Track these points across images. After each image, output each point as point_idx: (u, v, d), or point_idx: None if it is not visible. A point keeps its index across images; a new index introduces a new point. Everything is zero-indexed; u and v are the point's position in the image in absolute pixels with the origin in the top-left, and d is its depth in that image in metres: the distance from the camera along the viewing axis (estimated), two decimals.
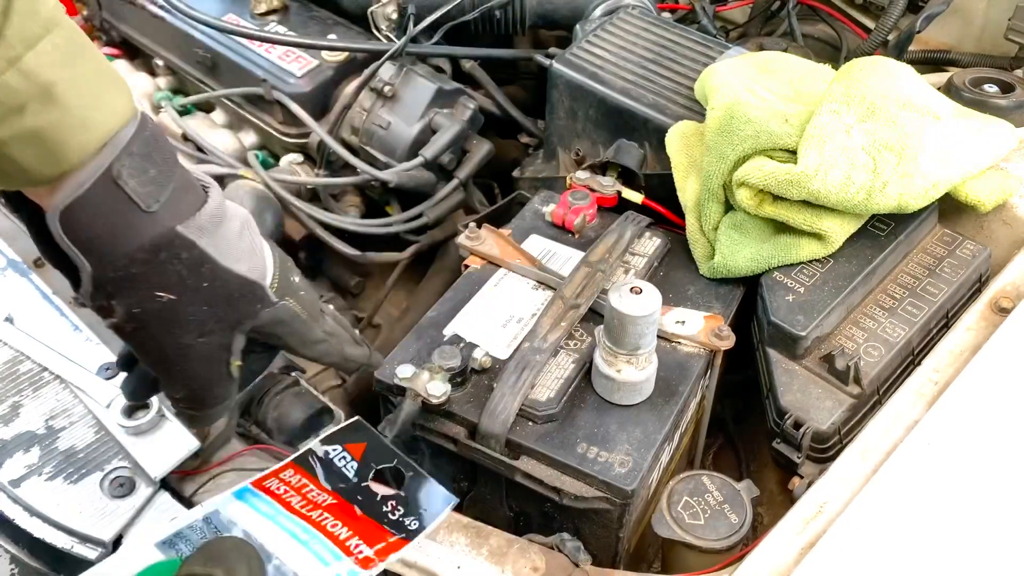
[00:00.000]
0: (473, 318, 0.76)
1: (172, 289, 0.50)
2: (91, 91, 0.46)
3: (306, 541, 0.54)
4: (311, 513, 0.56)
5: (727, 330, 0.74)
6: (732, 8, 1.36)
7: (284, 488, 0.58)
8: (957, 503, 0.58)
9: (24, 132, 0.44)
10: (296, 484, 0.59)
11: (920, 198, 0.76)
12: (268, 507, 0.57)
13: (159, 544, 0.53)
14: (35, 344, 0.73)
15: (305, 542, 0.54)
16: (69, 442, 0.66)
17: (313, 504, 0.57)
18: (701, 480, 0.65)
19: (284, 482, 0.59)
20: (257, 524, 0.55)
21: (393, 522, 0.57)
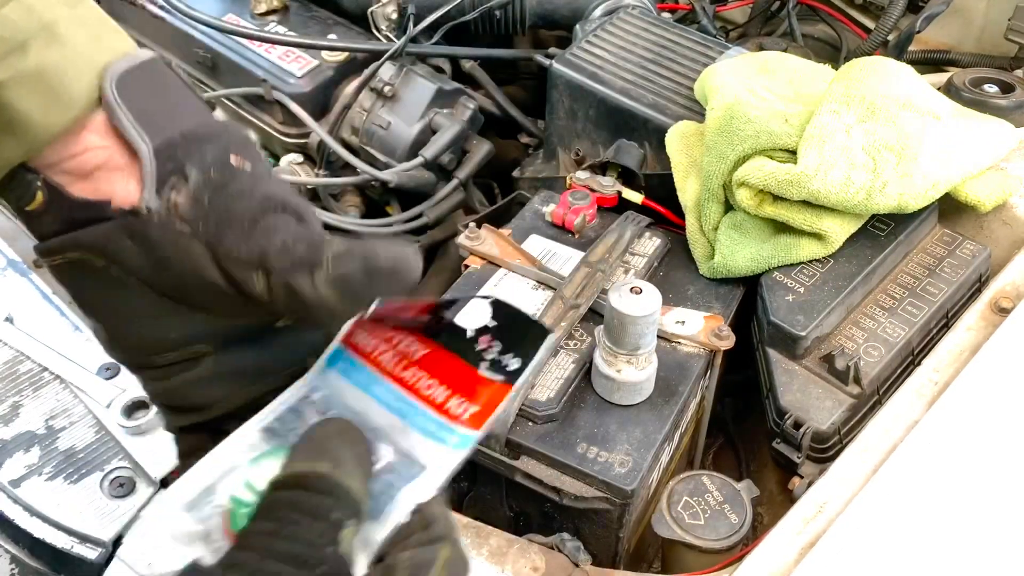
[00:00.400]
0: None
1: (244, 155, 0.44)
2: (94, 32, 0.43)
3: (407, 413, 0.49)
4: (405, 373, 0.50)
5: (727, 330, 0.74)
6: (732, 8, 1.36)
7: (373, 343, 0.51)
8: (957, 503, 0.58)
9: (27, 73, 0.40)
10: (384, 333, 0.52)
11: (920, 198, 0.76)
12: (362, 375, 0.51)
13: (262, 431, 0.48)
14: (35, 344, 0.73)
15: (405, 414, 0.49)
16: (69, 442, 0.66)
17: (405, 358, 0.51)
18: (701, 480, 0.65)
19: (372, 332, 0.51)
20: (354, 401, 0.50)
21: (491, 363, 0.50)
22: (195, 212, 0.43)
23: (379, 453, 0.48)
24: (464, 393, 0.49)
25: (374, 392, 0.50)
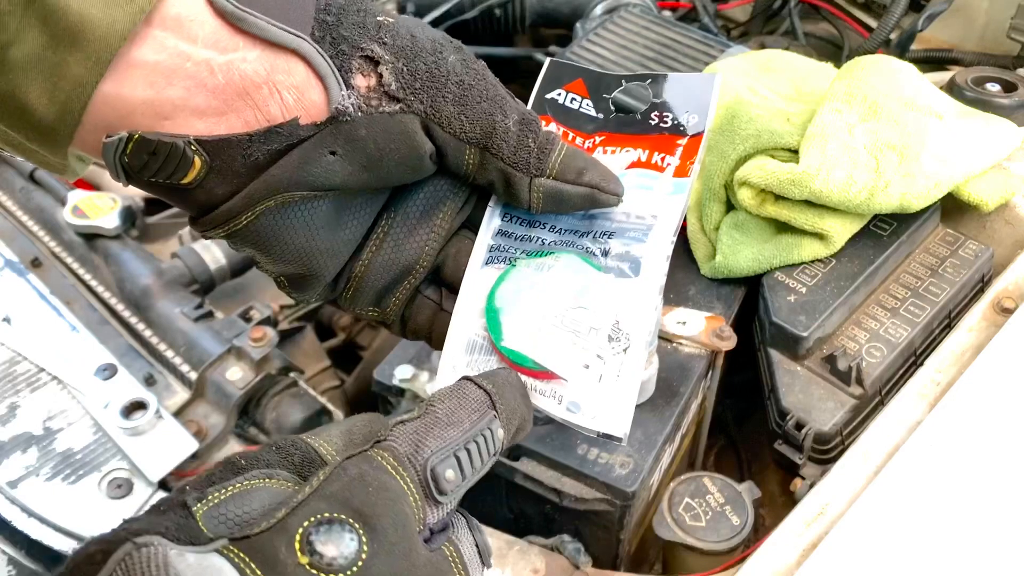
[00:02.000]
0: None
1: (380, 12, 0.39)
2: None
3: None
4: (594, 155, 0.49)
5: (728, 331, 0.73)
6: (733, 6, 1.36)
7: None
8: (959, 504, 0.58)
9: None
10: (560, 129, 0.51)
11: (922, 198, 0.75)
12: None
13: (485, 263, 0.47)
14: (32, 344, 0.73)
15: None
16: (67, 443, 0.66)
17: (588, 149, 0.50)
18: (702, 481, 0.64)
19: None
20: None
21: (672, 127, 0.49)
22: (403, 87, 0.38)
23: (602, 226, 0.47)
24: (661, 150, 0.48)
25: None
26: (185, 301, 0.79)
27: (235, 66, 0.35)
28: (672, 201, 0.47)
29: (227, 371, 0.72)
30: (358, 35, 0.37)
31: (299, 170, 0.37)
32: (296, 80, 0.36)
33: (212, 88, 0.35)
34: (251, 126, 0.36)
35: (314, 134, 0.37)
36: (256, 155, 0.37)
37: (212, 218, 0.38)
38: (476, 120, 0.40)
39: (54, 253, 0.87)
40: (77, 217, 0.86)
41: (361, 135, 0.38)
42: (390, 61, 0.37)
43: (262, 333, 0.73)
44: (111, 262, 0.85)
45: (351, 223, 0.42)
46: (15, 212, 0.91)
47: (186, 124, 0.35)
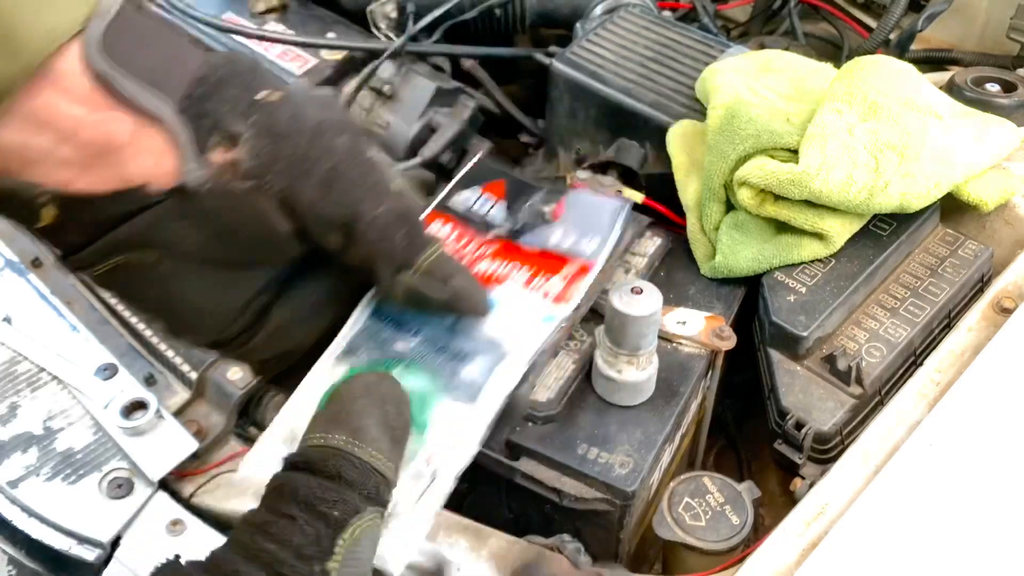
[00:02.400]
0: None
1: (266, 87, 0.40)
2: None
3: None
4: (478, 266, 0.49)
5: (728, 330, 0.73)
6: (733, 7, 1.36)
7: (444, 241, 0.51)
8: (959, 504, 0.58)
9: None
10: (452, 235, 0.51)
11: (922, 198, 0.75)
12: None
13: (338, 358, 0.46)
14: (33, 344, 0.73)
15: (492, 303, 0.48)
16: (67, 443, 0.66)
17: (476, 256, 0.50)
18: (702, 481, 0.64)
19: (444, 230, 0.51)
20: None
21: (569, 249, 0.51)
22: (259, 165, 0.38)
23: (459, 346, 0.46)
24: (545, 270, 0.48)
25: None
26: None
27: (102, 126, 0.36)
28: (539, 330, 0.47)
29: (227, 371, 0.72)
30: (226, 111, 0.38)
31: (148, 231, 0.38)
32: (155, 146, 0.37)
33: (77, 143, 0.36)
34: (110, 183, 0.37)
35: (163, 200, 0.38)
36: (109, 212, 0.38)
37: (71, 261, 0.40)
38: (340, 204, 0.40)
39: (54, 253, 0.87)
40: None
41: (210, 207, 0.38)
42: (250, 139, 0.38)
43: None
44: None
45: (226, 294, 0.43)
46: None
47: (49, 172, 0.37)
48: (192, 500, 0.65)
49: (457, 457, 0.44)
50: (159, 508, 0.63)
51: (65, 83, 0.36)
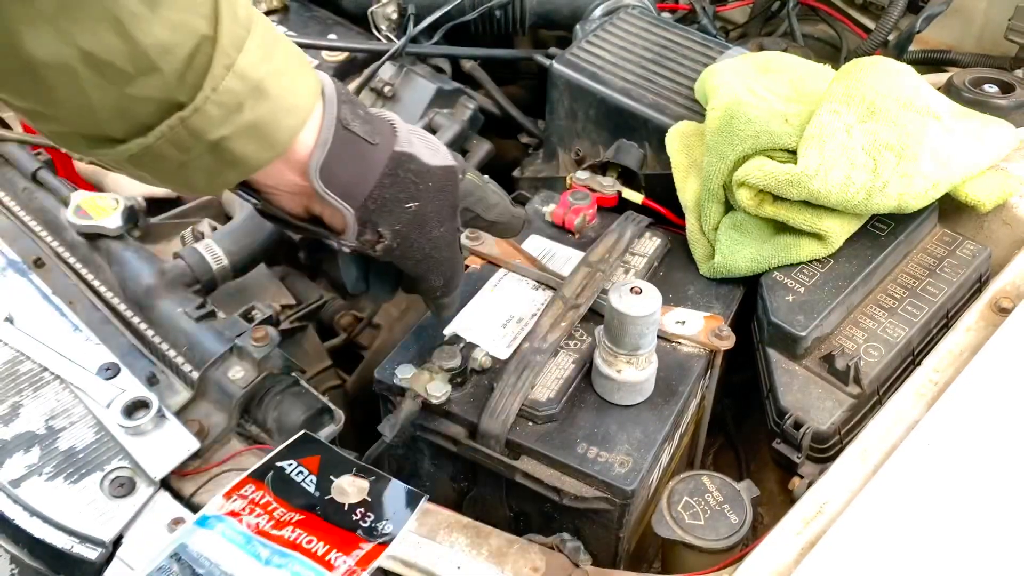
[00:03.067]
0: (473, 318, 0.76)
1: (414, 197, 0.58)
2: (291, 78, 0.52)
3: (284, 564, 0.54)
4: (282, 532, 0.56)
5: (727, 330, 0.74)
6: (732, 8, 1.36)
7: (249, 507, 0.58)
8: (957, 503, 0.58)
9: (243, 127, 0.49)
10: (261, 502, 0.58)
11: (920, 198, 0.76)
12: (236, 533, 0.56)
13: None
14: (35, 344, 0.73)
15: (283, 565, 0.54)
16: (69, 442, 0.66)
17: (282, 522, 0.57)
18: (701, 480, 0.65)
19: (249, 501, 0.58)
20: (230, 555, 0.55)
21: (366, 529, 0.58)
22: (385, 252, 0.59)
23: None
24: (341, 549, 0.55)
25: (251, 548, 0.55)
26: (187, 301, 0.80)
27: (313, 197, 0.57)
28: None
29: (229, 370, 0.72)
30: (383, 219, 0.58)
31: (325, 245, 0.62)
32: (337, 220, 0.58)
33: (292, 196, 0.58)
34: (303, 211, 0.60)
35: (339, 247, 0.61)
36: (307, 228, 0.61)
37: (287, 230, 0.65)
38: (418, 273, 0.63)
39: (57, 253, 0.87)
40: (80, 217, 0.86)
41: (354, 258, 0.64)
42: (387, 239, 0.59)
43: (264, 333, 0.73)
44: (113, 262, 0.85)
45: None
46: (18, 212, 0.91)
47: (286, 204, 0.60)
48: (193, 499, 0.65)
49: None
50: (160, 507, 0.63)
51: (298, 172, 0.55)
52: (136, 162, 0.49)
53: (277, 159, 0.53)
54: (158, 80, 0.45)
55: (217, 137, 0.49)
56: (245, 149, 0.50)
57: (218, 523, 0.57)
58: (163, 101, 0.46)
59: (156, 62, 0.45)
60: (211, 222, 0.96)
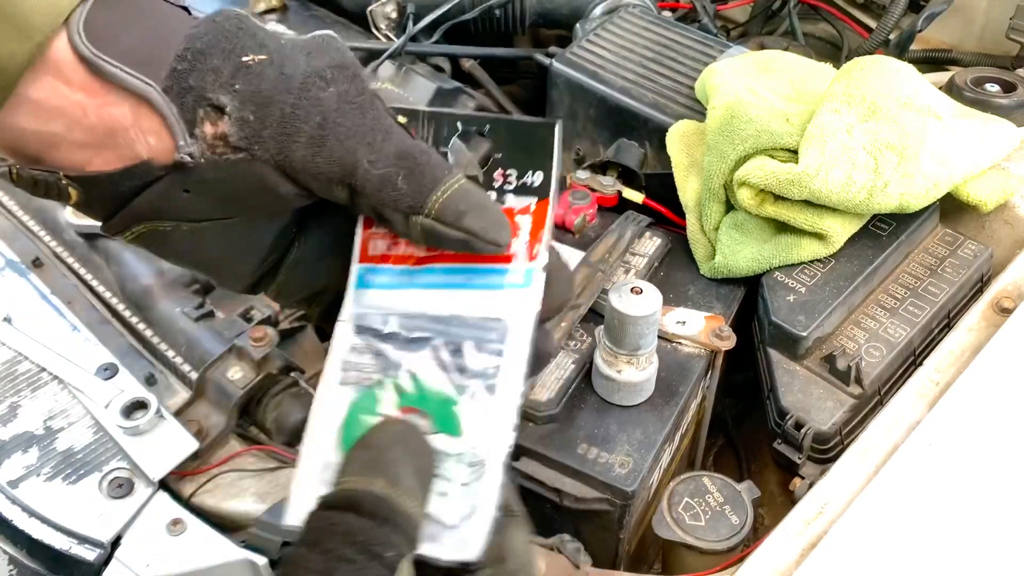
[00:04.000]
0: None
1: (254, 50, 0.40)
2: None
3: (462, 282, 0.45)
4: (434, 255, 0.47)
5: (728, 330, 0.73)
6: (733, 7, 1.36)
7: (391, 243, 0.47)
8: (958, 504, 0.58)
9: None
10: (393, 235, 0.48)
11: (921, 198, 0.75)
12: (399, 276, 0.47)
13: (341, 383, 0.45)
14: (33, 344, 0.73)
15: (461, 283, 0.45)
16: (68, 443, 0.66)
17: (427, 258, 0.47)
18: (702, 481, 0.64)
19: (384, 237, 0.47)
20: (407, 303, 0.46)
21: (516, 190, 0.46)
22: (247, 136, 0.39)
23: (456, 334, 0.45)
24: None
25: (419, 283, 0.47)
26: (186, 301, 0.80)
27: (103, 110, 0.38)
28: (523, 297, 0.44)
29: (228, 371, 0.72)
30: (208, 83, 0.38)
31: (158, 203, 0.41)
32: (152, 125, 0.39)
33: (87, 126, 0.38)
34: (120, 161, 0.39)
35: (165, 175, 0.40)
36: (122, 189, 0.40)
37: (104, 228, 0.43)
38: (333, 161, 0.40)
39: (55, 253, 0.87)
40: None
41: (209, 178, 0.40)
42: (235, 110, 0.39)
43: (263, 333, 0.73)
44: (112, 262, 0.85)
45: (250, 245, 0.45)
46: (16, 212, 0.91)
47: (69, 154, 0.39)
48: (192, 500, 0.65)
49: (498, 447, 0.44)
50: (159, 508, 0.63)
51: (64, 71, 0.37)
52: None
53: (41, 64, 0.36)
54: None
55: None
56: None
57: (373, 276, 0.47)
58: None
59: None
60: None
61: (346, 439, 0.44)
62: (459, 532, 0.41)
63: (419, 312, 0.46)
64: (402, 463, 0.39)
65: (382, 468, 0.38)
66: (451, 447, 0.43)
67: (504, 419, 0.44)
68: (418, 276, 0.47)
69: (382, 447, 0.40)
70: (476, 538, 0.41)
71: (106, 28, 0.37)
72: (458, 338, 0.45)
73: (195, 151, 0.39)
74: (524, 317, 0.45)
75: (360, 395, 0.45)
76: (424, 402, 0.45)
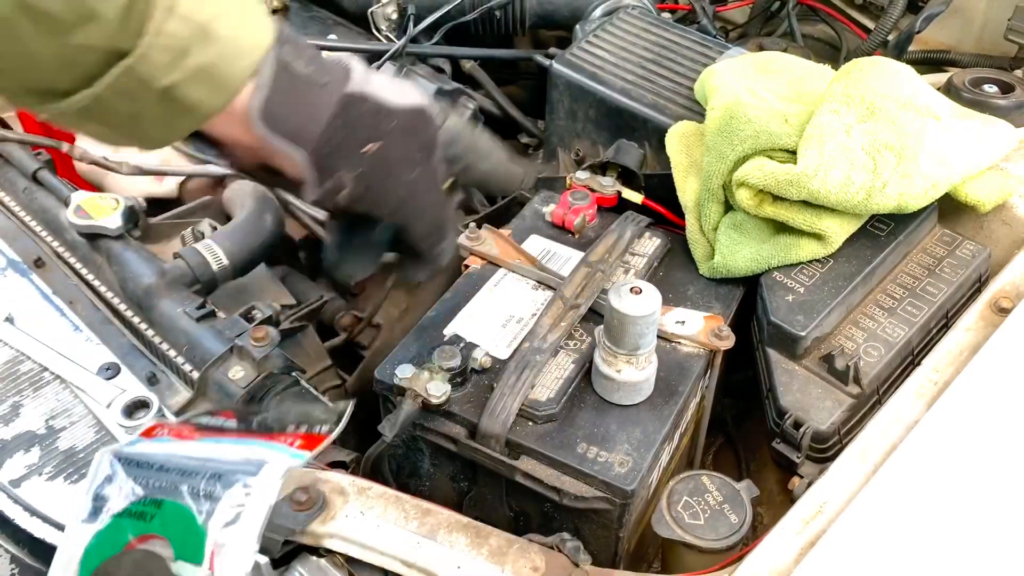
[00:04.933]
0: (473, 318, 0.76)
1: (372, 138, 0.56)
2: (239, 19, 0.50)
3: (237, 441, 0.52)
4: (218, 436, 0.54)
5: (727, 330, 0.74)
6: (732, 8, 1.36)
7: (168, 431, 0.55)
8: (956, 503, 0.58)
9: (192, 71, 0.48)
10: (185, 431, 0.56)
11: (920, 198, 0.76)
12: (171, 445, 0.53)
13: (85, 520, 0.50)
14: (35, 344, 0.73)
15: (237, 441, 0.52)
16: (69, 442, 0.66)
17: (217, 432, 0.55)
18: (701, 480, 0.65)
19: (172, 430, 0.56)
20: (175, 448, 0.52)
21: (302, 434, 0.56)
22: (353, 202, 0.57)
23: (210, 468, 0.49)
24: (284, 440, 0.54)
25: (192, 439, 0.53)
26: (187, 301, 0.80)
27: (264, 144, 0.54)
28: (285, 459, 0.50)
29: (229, 370, 0.72)
30: (340, 163, 0.56)
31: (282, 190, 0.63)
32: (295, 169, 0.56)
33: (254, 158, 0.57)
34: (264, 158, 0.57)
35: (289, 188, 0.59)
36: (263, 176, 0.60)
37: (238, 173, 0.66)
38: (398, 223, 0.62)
39: (57, 253, 0.87)
40: (80, 217, 0.86)
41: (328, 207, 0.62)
42: (349, 185, 0.56)
43: (264, 333, 0.73)
44: (114, 262, 0.85)
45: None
46: (18, 212, 0.91)
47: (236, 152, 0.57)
48: None
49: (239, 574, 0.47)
50: None
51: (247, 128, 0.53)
52: (87, 115, 0.48)
53: (227, 108, 0.51)
54: (98, 28, 0.44)
55: (166, 84, 0.47)
56: (196, 95, 0.49)
57: (139, 443, 0.54)
58: (106, 49, 0.45)
59: (94, 9, 0.44)
60: (211, 222, 0.96)
61: (85, 565, 0.47)
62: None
63: (182, 453, 0.51)
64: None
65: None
66: (193, 574, 0.46)
67: (247, 547, 0.47)
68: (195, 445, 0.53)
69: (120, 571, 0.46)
70: None
71: (273, 109, 0.52)
72: (214, 471, 0.49)
73: (316, 196, 0.56)
74: (280, 465, 0.49)
75: (105, 527, 0.49)
76: (167, 529, 0.48)
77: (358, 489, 0.61)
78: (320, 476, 0.64)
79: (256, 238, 0.91)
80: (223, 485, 0.48)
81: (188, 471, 0.49)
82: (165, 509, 0.48)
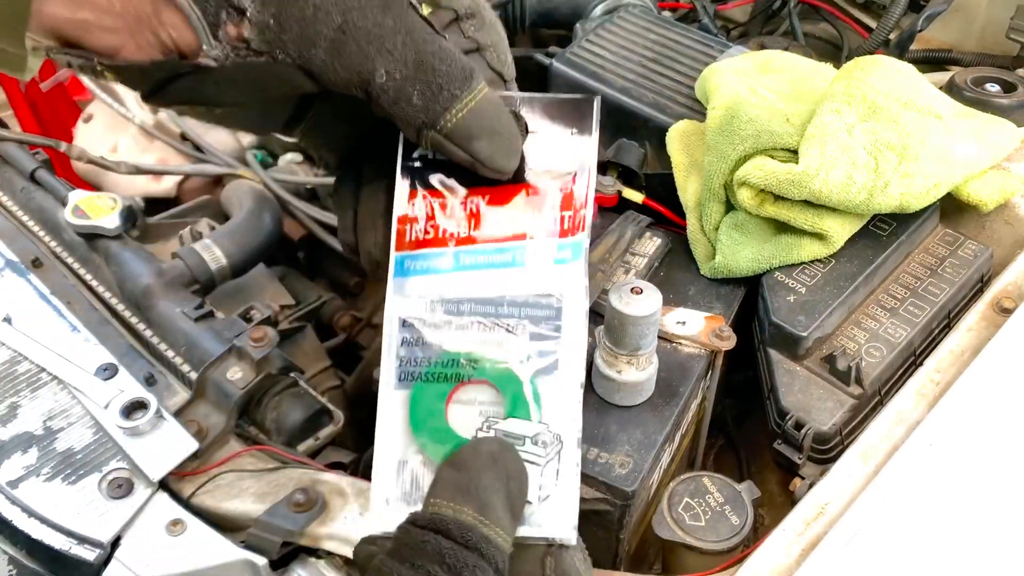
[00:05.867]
0: None
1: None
2: None
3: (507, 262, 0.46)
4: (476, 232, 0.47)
5: (728, 331, 0.73)
6: (733, 7, 1.36)
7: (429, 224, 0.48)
8: (959, 504, 0.58)
9: None
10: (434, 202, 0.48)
11: (922, 198, 0.75)
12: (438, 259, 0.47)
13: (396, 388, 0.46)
14: (33, 344, 0.73)
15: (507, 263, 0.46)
16: (67, 443, 0.66)
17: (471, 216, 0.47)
18: (702, 481, 0.64)
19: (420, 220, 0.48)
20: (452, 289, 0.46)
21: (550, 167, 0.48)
22: (268, 41, 0.40)
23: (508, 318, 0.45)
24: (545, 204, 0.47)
25: (462, 265, 0.46)
26: (186, 301, 0.79)
27: (129, 2, 0.40)
28: (573, 272, 0.45)
29: (228, 371, 0.72)
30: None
31: (191, 92, 0.43)
32: (176, 21, 0.40)
33: (114, 13, 0.40)
34: (152, 54, 0.41)
35: (193, 71, 0.41)
36: (156, 77, 0.43)
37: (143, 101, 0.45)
38: (350, 69, 0.40)
39: (55, 253, 0.87)
40: (78, 217, 0.86)
41: (235, 76, 0.41)
42: (255, 13, 0.39)
43: (262, 333, 0.73)
44: (112, 262, 0.85)
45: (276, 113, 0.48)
46: (16, 212, 0.91)
47: (101, 39, 0.41)
48: (192, 500, 0.65)
49: (570, 422, 0.44)
50: (159, 508, 0.63)
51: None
52: None
53: None
54: None
55: None
56: None
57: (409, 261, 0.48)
58: None
59: None
60: (210, 222, 0.96)
61: (415, 426, 0.44)
62: (547, 511, 0.42)
63: (465, 297, 0.46)
64: (493, 490, 0.40)
65: (473, 495, 0.39)
66: (524, 429, 0.44)
67: (571, 395, 0.44)
68: (459, 258, 0.47)
69: (473, 471, 0.40)
70: (567, 516, 0.42)
71: None
72: (511, 319, 0.45)
73: (219, 54, 0.40)
74: (577, 292, 0.45)
75: (418, 389, 0.45)
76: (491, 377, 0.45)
77: (357, 490, 0.61)
78: (319, 477, 0.64)
79: (255, 238, 0.91)
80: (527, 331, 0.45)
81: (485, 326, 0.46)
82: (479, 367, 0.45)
